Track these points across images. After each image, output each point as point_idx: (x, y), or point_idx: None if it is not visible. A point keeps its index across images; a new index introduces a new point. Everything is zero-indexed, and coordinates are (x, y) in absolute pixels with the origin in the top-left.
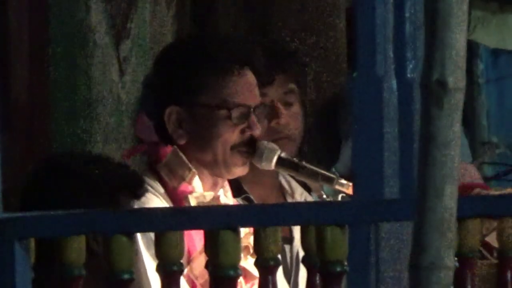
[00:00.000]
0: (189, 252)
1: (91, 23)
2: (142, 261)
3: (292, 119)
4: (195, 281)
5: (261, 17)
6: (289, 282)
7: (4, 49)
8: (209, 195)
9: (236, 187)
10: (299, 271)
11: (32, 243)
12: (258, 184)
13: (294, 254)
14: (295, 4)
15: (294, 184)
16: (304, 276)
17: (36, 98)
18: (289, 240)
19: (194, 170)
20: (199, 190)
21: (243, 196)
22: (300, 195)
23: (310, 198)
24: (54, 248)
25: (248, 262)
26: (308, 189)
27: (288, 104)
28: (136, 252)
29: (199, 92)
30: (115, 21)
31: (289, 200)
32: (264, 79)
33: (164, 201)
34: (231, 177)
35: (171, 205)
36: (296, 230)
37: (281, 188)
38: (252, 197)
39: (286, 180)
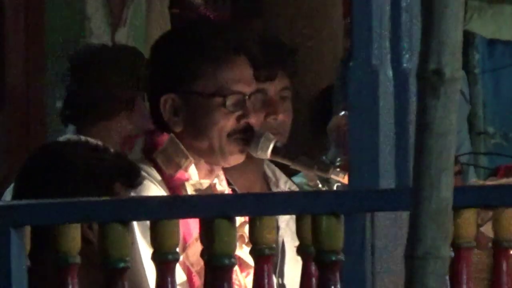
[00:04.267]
0: (184, 239)
1: (88, 11)
2: (138, 248)
3: (286, 114)
4: (191, 268)
5: (257, 4)
6: (274, 272)
7: (0, 37)
8: (205, 183)
9: None
10: (285, 261)
11: (28, 231)
12: (242, 173)
13: (280, 243)
14: None
15: (278, 172)
16: (290, 265)
17: (32, 86)
18: None
19: (190, 158)
20: (195, 178)
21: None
22: (285, 183)
23: (294, 187)
24: (50, 236)
25: (243, 251)
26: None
27: (283, 100)
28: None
29: (194, 79)
30: (112, 9)
31: (274, 189)
32: (265, 75)
33: (161, 188)
34: (227, 165)
35: (168, 192)
36: (282, 220)
37: (265, 177)
38: (236, 187)
39: (271, 168)
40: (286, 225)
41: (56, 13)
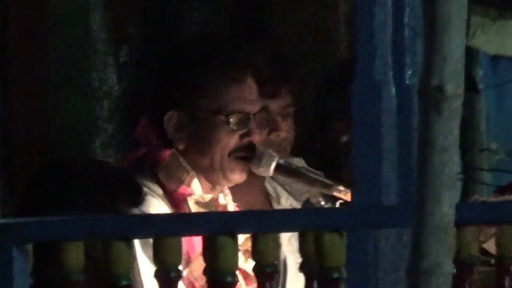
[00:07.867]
0: (188, 254)
1: (91, 28)
2: (137, 263)
3: (289, 132)
4: (195, 283)
5: (258, 17)
6: None
7: (4, 55)
8: (208, 197)
9: None
10: (287, 277)
11: (30, 248)
12: (244, 190)
13: (282, 260)
14: (293, 8)
15: (279, 189)
16: (292, 282)
17: (36, 104)
18: None
19: (192, 172)
20: (198, 193)
21: None
22: (286, 200)
23: (295, 204)
24: (53, 253)
25: (249, 265)
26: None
27: (286, 117)
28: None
29: (200, 96)
30: (115, 26)
31: (275, 205)
32: (270, 91)
33: (163, 203)
34: (228, 184)
35: (170, 207)
36: (283, 236)
37: (266, 193)
38: (238, 205)
39: (272, 185)
40: (288, 241)
41: (60, 31)
